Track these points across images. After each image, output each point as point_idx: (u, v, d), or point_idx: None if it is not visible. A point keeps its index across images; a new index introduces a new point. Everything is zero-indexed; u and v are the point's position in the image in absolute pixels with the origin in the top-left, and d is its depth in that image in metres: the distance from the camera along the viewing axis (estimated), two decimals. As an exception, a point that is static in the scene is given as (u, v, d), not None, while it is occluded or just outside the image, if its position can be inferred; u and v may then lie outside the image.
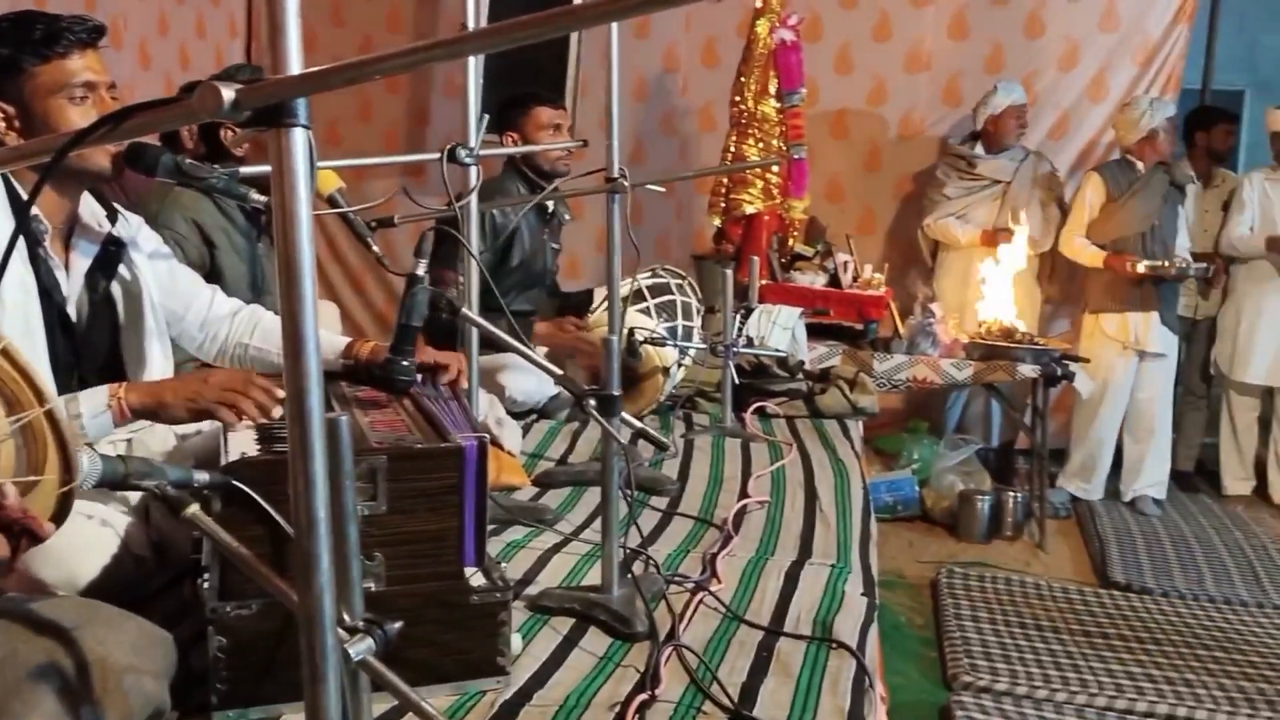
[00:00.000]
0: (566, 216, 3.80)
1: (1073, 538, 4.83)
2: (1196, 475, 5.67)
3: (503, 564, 1.84)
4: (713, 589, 1.99)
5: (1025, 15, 5.40)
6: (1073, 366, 4.49)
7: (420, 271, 1.86)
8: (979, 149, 5.16)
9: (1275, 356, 5.15)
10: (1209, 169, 5.45)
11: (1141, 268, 4.76)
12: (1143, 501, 5.10)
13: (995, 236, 5.00)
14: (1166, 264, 4.78)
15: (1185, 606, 4.00)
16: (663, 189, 3.36)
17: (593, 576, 2.00)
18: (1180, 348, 5.25)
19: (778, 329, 3.55)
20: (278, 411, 1.75)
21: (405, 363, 1.83)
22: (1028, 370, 4.44)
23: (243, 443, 1.66)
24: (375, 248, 1.97)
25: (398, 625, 1.08)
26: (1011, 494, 4.77)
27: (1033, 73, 5.38)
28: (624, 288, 2.92)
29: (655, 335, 2.96)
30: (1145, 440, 5.12)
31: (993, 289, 4.81)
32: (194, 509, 1.32)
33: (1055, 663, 3.42)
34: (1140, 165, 4.88)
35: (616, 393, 1.80)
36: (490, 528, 1.99)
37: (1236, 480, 5.39)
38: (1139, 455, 5.14)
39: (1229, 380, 5.33)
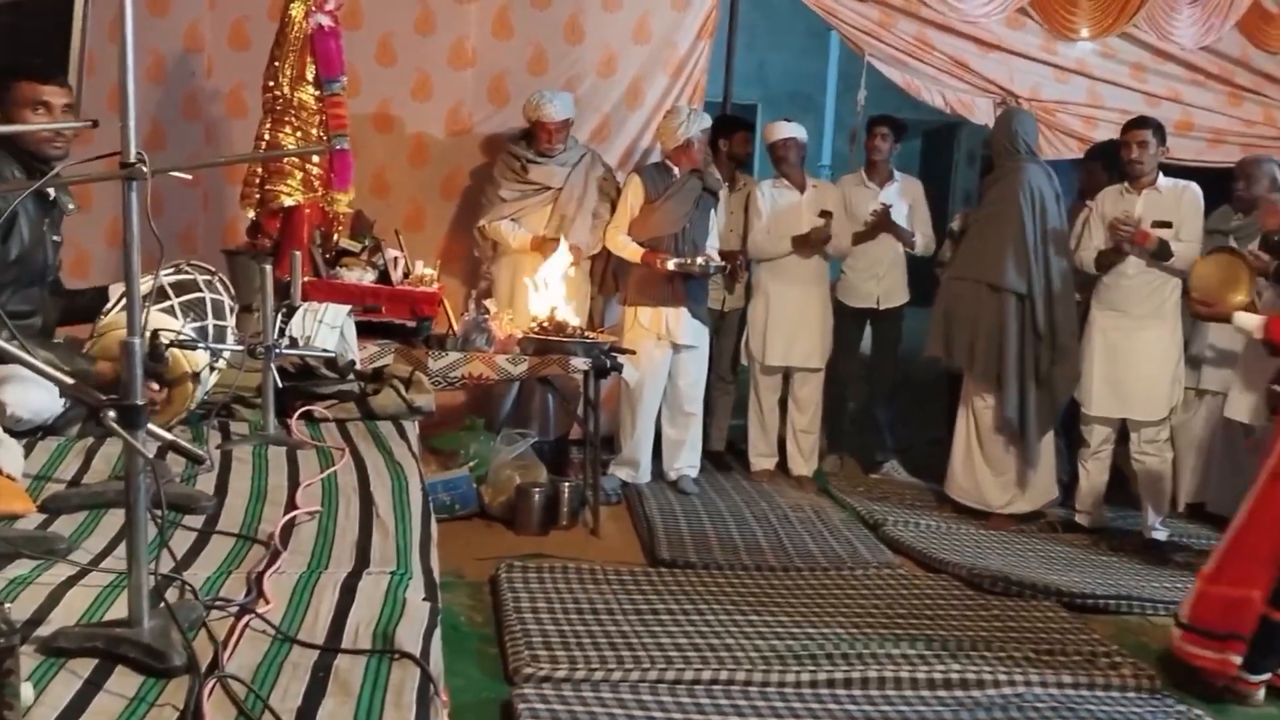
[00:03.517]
0: (71, 206, 3.35)
1: (624, 521, 5.06)
2: (728, 454, 6.17)
3: (6, 604, 1.56)
4: (260, 611, 1.83)
5: (565, 20, 5.60)
6: (620, 358, 4.70)
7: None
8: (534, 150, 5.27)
9: (793, 343, 5.72)
10: (732, 173, 5.95)
11: (671, 264, 5.11)
12: (684, 481, 5.46)
13: (544, 245, 5.13)
14: (691, 261, 5.15)
15: (724, 577, 4.31)
16: (188, 176, 3.05)
17: (118, 609, 1.77)
18: (710, 338, 5.68)
19: (325, 328, 3.37)
20: None
21: None
22: (580, 363, 4.59)
23: None
24: None
25: None
26: (567, 484, 4.90)
27: (575, 76, 5.59)
28: (144, 285, 2.62)
29: (182, 337, 2.68)
30: (683, 424, 5.49)
31: (544, 288, 4.92)
32: None
33: (611, 643, 3.54)
34: (677, 170, 5.21)
35: (140, 402, 1.60)
36: (-17, 566, 1.70)
37: (761, 457, 5.93)
38: (678, 438, 5.51)
39: (758, 365, 5.84)
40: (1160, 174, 5.00)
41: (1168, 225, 4.82)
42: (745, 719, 3.11)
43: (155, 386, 2.64)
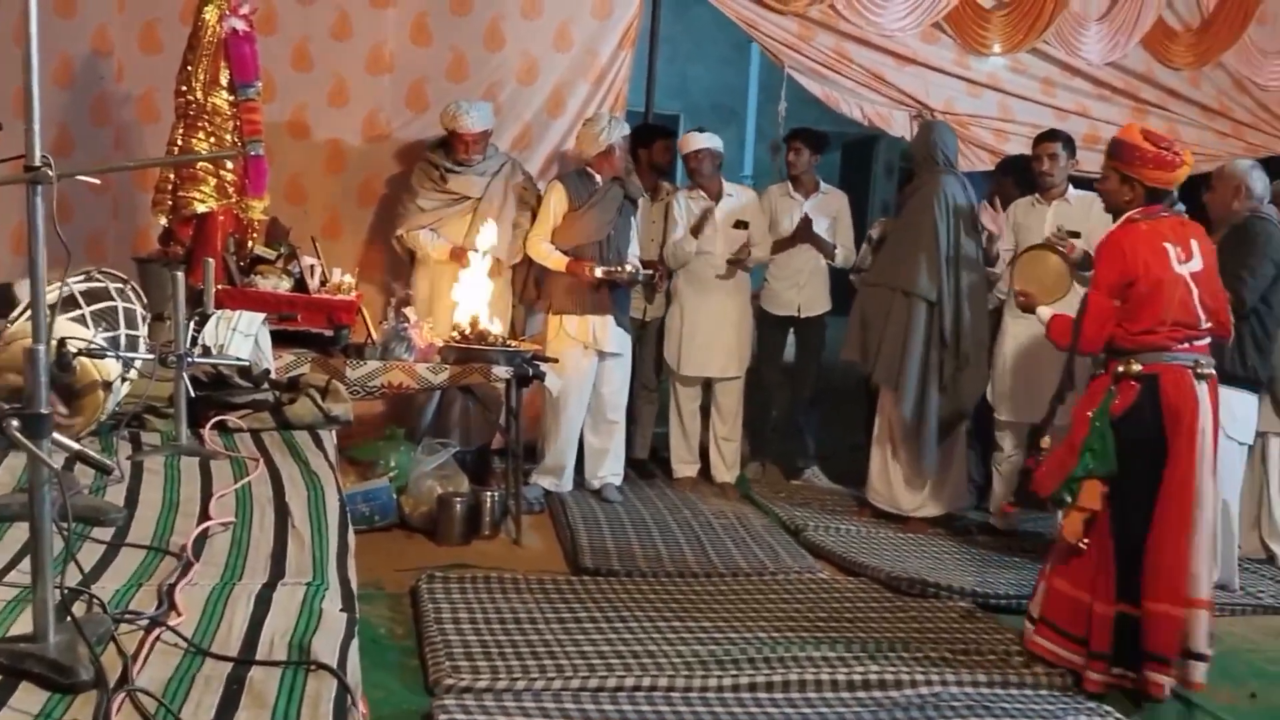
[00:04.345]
0: (-24, 213, 3.26)
1: (546, 530, 5.03)
2: (651, 462, 6.19)
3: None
4: (171, 623, 1.80)
5: (485, 27, 5.57)
6: (543, 366, 4.69)
7: None
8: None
9: (709, 352, 5.77)
10: (654, 182, 5.98)
11: (598, 273, 5.10)
12: (607, 490, 5.46)
13: (463, 255, 5.10)
14: (619, 269, 5.15)
15: (647, 584, 4.31)
16: (96, 180, 2.98)
17: (23, 624, 1.73)
18: (633, 347, 5.69)
19: (239, 336, 3.31)
20: None
21: None
22: (502, 371, 4.56)
23: None
24: None
25: None
26: (489, 494, 4.86)
27: (495, 83, 5.57)
28: (51, 293, 2.55)
29: (92, 346, 2.61)
30: (605, 432, 5.49)
31: (466, 296, 4.89)
32: None
33: (534, 653, 3.52)
34: (599, 177, 5.21)
35: (46, 411, 1.57)
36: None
37: (684, 464, 5.96)
38: (601, 447, 5.50)
39: (676, 375, 5.87)
40: (1070, 186, 5.14)
41: (1077, 235, 4.95)
42: (668, 725, 3.12)
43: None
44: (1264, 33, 6.53)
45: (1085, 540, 3.54)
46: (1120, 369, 3.55)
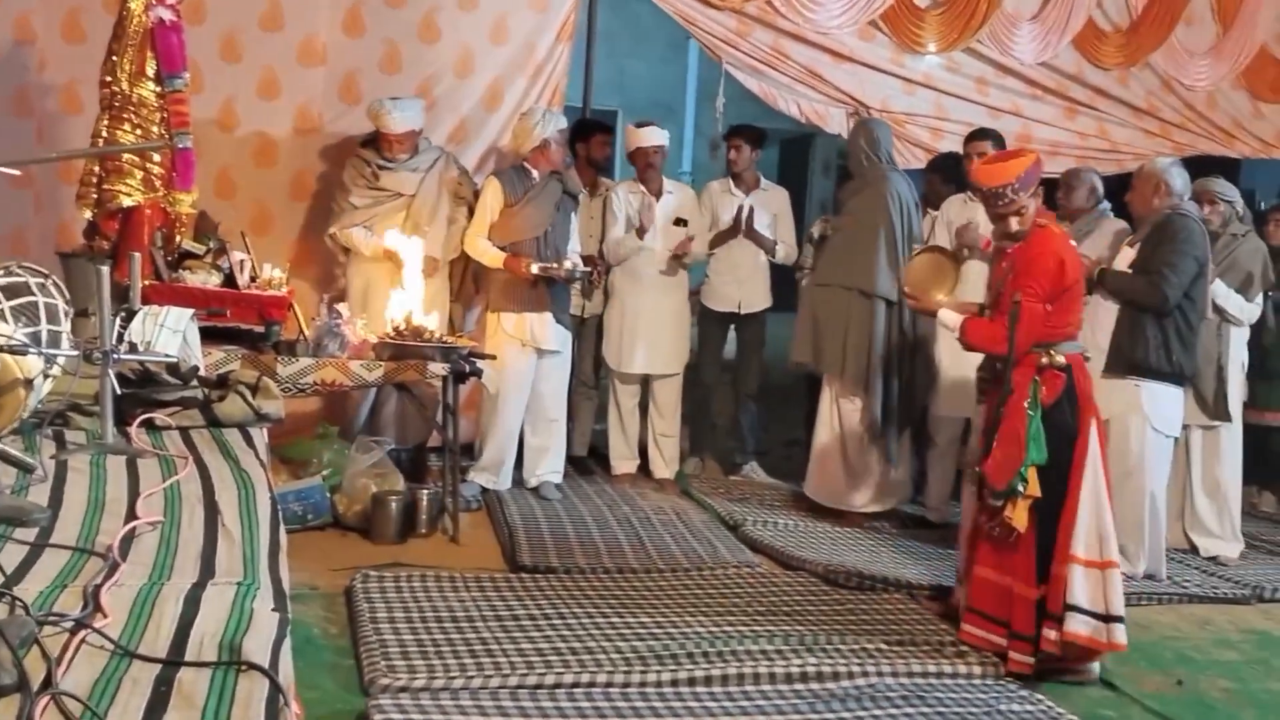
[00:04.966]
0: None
1: (484, 528, 5.00)
2: (590, 458, 6.18)
3: None
4: (97, 625, 1.75)
5: (420, 19, 5.50)
6: (480, 363, 4.65)
7: None
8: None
9: (649, 349, 5.76)
10: (593, 178, 5.95)
11: (535, 269, 5.07)
12: (545, 487, 5.43)
13: (397, 254, 5.04)
14: (556, 266, 5.12)
15: (585, 580, 4.31)
16: (16, 172, 2.90)
17: (-60, 630, 1.67)
18: (573, 344, 5.67)
19: (166, 332, 3.23)
20: None
21: None
22: (438, 369, 4.52)
23: None
24: None
25: None
26: (425, 491, 4.82)
27: (431, 76, 5.51)
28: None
29: (14, 342, 2.54)
30: (545, 430, 5.46)
31: (401, 292, 4.83)
32: None
33: (471, 651, 3.50)
34: (536, 173, 5.17)
35: None
36: None
37: (623, 460, 5.95)
38: (540, 445, 5.47)
39: (614, 372, 5.86)
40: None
41: None
42: (607, 721, 3.11)
43: None
44: (1190, 34, 6.71)
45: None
46: (1044, 360, 3.64)
